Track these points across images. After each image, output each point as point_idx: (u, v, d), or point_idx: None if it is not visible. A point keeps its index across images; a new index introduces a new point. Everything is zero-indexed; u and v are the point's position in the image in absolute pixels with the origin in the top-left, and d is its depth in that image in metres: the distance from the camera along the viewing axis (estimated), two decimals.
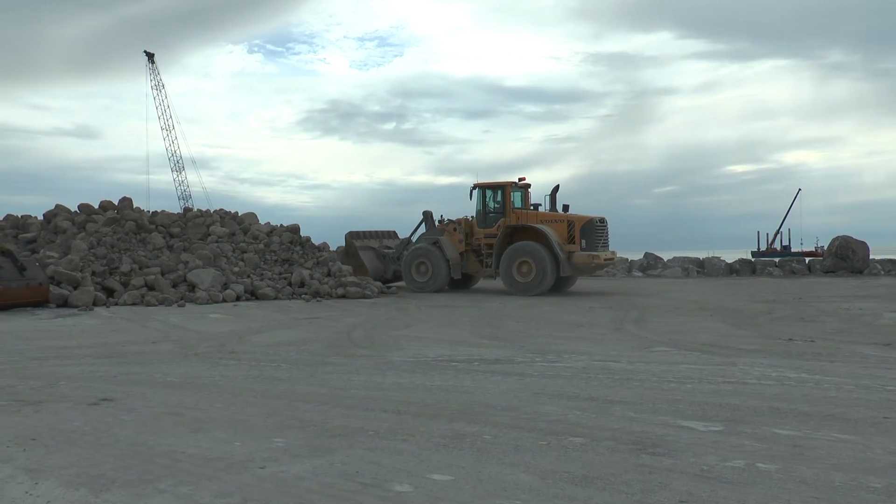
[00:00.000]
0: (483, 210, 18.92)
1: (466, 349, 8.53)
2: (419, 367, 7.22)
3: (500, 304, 15.24)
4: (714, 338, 9.46)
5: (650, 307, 14.11)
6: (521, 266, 17.63)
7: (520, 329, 10.69)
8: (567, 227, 17.85)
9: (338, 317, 12.61)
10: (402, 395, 5.78)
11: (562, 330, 10.58)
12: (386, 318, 12.47)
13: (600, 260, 17.49)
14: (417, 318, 12.52)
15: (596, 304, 14.89)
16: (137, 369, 7.19)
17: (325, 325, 11.35)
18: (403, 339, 9.44)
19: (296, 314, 13.06)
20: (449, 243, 18.90)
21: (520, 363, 7.42)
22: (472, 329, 10.75)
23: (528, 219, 18.21)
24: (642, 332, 10.32)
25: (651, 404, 5.40)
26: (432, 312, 13.51)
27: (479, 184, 19.00)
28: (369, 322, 11.68)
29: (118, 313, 13.21)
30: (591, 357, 7.81)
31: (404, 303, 15.58)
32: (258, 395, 5.88)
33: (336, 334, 10.04)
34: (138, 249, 17.20)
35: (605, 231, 18.35)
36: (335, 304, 15.45)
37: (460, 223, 19.10)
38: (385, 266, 19.97)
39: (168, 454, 4.19)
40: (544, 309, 14.04)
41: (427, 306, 14.76)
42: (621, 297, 16.93)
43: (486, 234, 18.69)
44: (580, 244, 17.57)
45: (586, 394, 5.81)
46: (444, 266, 18.61)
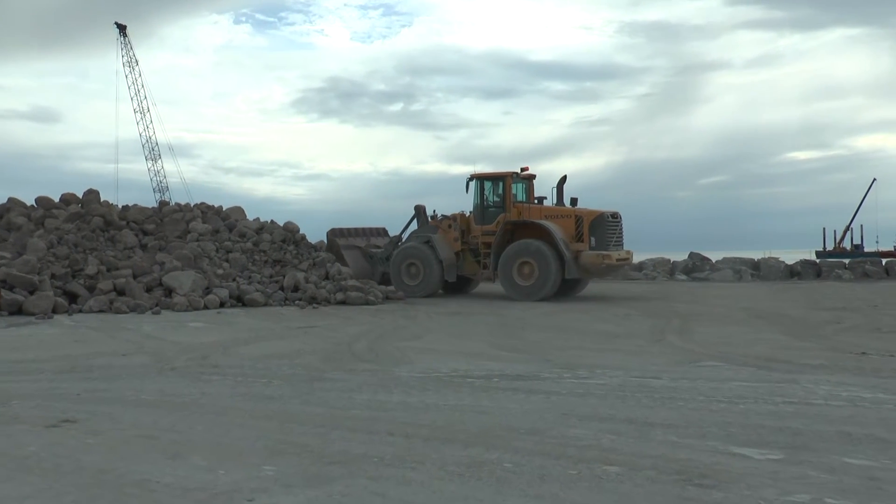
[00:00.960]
0: (481, 204, 19.02)
1: (484, 363, 8.54)
2: (430, 383, 7.23)
3: (522, 311, 15.28)
4: (771, 350, 9.41)
5: (696, 315, 14.09)
6: (523, 267, 17.73)
7: (545, 340, 10.69)
8: (575, 222, 17.93)
9: (337, 326, 12.64)
10: (411, 417, 5.79)
11: (593, 341, 10.57)
12: (392, 327, 12.50)
13: (612, 260, 17.53)
14: (428, 327, 12.55)
15: (633, 312, 14.88)
16: (105, 386, 7.23)
17: (322, 335, 11.37)
18: (412, 352, 9.46)
19: (289, 323, 13.11)
20: (443, 242, 19.04)
21: (545, 379, 7.42)
22: (490, 340, 10.76)
23: (532, 214, 18.30)
24: (687, 343, 10.29)
25: (698, 427, 5.37)
26: (444, 321, 13.55)
27: (476, 175, 19.10)
28: (373, 332, 11.71)
29: (83, 322, 13.29)
30: (627, 372, 7.79)
31: (412, 310, 15.65)
32: (245, 415, 5.90)
33: (335, 346, 10.07)
34: (106, 249, 17.35)
35: (619, 227, 18.39)
36: (334, 311, 15.50)
37: (456, 219, 19.21)
38: (372, 267, 20.14)
39: (140, 483, 4.19)
40: (573, 317, 14.04)
41: (438, 314, 14.81)
42: (662, 303, 16.90)
43: (485, 232, 18.80)
44: (589, 242, 17.65)
45: (622, 415, 5.80)
46: (436, 268, 18.74)
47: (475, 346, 10.07)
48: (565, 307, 16.14)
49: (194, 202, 20.83)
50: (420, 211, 19.99)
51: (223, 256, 18.27)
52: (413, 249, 19.07)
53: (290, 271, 17.84)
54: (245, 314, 14.64)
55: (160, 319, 13.67)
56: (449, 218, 19.35)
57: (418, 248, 18.99)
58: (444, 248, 18.88)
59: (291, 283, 17.25)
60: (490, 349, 9.82)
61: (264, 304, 16.22)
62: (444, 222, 19.36)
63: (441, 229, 19.32)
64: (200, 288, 16.11)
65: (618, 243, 18.25)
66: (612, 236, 17.99)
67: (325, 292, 16.97)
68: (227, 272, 17.36)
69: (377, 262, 20.23)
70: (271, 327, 12.44)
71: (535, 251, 17.52)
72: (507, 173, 18.77)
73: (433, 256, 18.75)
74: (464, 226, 19.18)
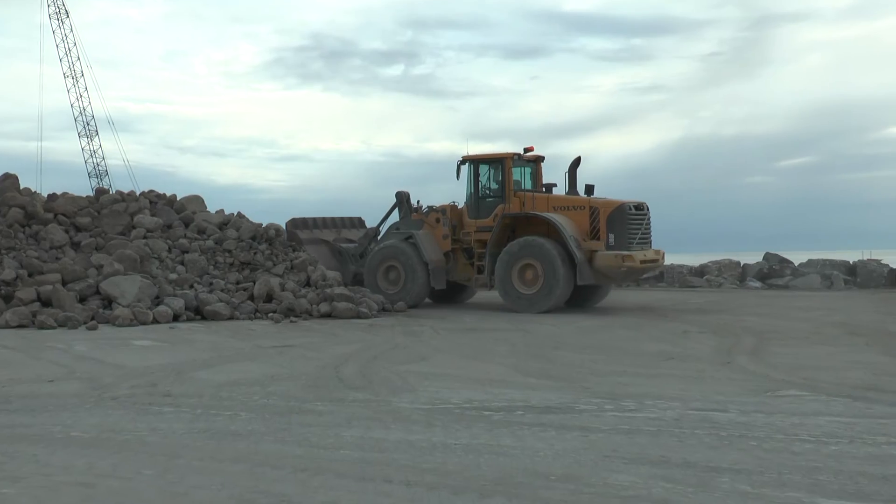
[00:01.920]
0: (475, 193, 19.17)
1: (505, 391, 8.53)
2: (438, 417, 7.23)
3: (553, 326, 15.29)
4: (871, 377, 9.37)
5: (773, 331, 14.06)
6: (525, 271, 17.89)
7: (582, 363, 10.69)
8: (589, 215, 18.06)
9: (321, 344, 12.66)
10: (414, 459, 5.80)
11: (643, 364, 10.56)
12: (390, 345, 12.51)
13: (634, 262, 17.62)
14: (435, 346, 12.55)
15: (692, 328, 14.87)
16: (26, 420, 7.25)
17: (302, 355, 11.39)
18: (415, 377, 9.47)
19: (260, 340, 13.16)
20: (429, 239, 19.19)
21: (582, 412, 7.41)
22: (513, 363, 10.76)
23: (537, 205, 18.44)
24: (761, 367, 10.26)
25: (776, 474, 5.36)
26: (456, 338, 13.55)
27: (468, 157, 19.24)
28: (366, 352, 11.73)
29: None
30: (685, 404, 7.78)
31: (416, 324, 15.66)
32: (205, 457, 5.92)
33: (318, 369, 10.10)
34: (28, 249, 17.42)
35: (645, 222, 18.52)
36: (317, 325, 15.54)
37: (445, 212, 19.34)
38: (342, 266, 20.33)
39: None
40: (617, 334, 14.04)
41: (448, 330, 14.83)
42: (730, 316, 16.88)
43: (480, 227, 18.96)
44: (607, 240, 17.79)
45: (679, 457, 5.79)
46: (420, 271, 18.91)
47: (494, 371, 10.06)
48: (607, 322, 16.14)
49: (141, 190, 20.95)
50: (403, 199, 20.16)
51: (177, 258, 18.37)
52: (392, 249, 19.24)
53: (261, 276, 17.91)
54: (205, 330, 14.68)
55: (97, 336, 13.71)
56: (437, 210, 19.47)
57: (398, 248, 19.16)
58: (430, 248, 19.03)
59: (264, 292, 17.30)
60: (513, 374, 9.81)
61: (229, 317, 16.29)
62: (430, 216, 19.48)
63: (427, 224, 19.45)
64: (148, 297, 16.17)
65: (643, 241, 18.37)
66: (635, 232, 18.10)
67: (305, 302, 17.01)
68: (182, 277, 17.43)
69: (349, 259, 20.45)
70: (238, 346, 12.47)
71: (539, 251, 17.67)
72: (507, 155, 18.92)
73: (416, 258, 18.91)
74: (455, 220, 19.34)
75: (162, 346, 12.52)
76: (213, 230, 19.45)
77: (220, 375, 9.70)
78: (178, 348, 12.31)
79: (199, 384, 9.10)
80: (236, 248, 18.98)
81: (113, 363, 10.73)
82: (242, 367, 10.38)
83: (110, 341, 13.01)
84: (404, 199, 20.12)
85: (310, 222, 21.34)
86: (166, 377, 9.58)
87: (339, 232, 21.68)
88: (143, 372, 9.98)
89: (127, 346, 12.57)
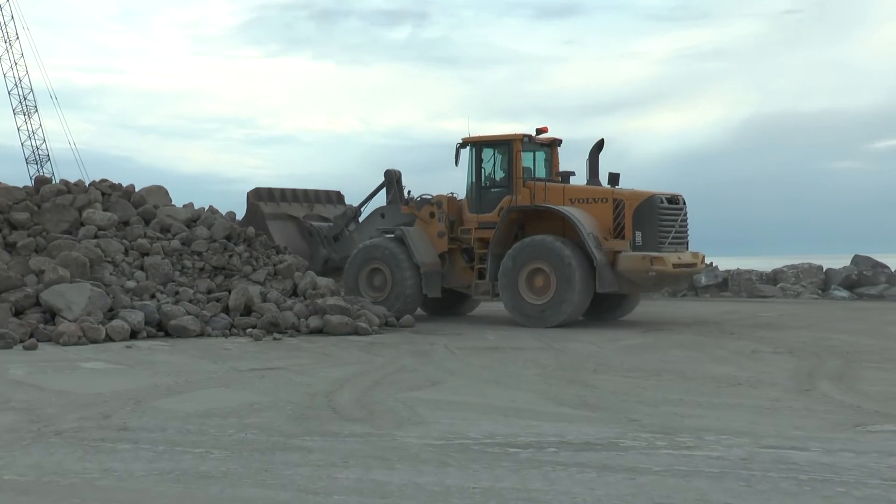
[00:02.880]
0: (477, 182, 19.42)
1: (535, 424, 8.52)
2: (452, 455, 7.23)
3: (593, 344, 15.27)
4: None
5: (864, 352, 14.01)
6: (534, 276, 18.09)
7: (628, 389, 10.68)
8: (613, 209, 18.26)
9: (311, 367, 12.70)
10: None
11: (702, 390, 10.55)
12: (395, 367, 12.55)
13: (665, 265, 17.78)
14: (449, 368, 12.56)
15: (763, 347, 14.84)
16: None
17: (288, 380, 11.42)
18: (425, 406, 9.47)
19: (237, 362, 13.17)
20: (421, 238, 19.40)
21: (629, 450, 7.40)
22: (544, 388, 10.77)
23: (550, 197, 18.61)
24: (850, 396, 10.23)
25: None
26: (474, 359, 13.56)
27: (470, 139, 19.45)
28: (366, 375, 11.75)
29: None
30: (755, 440, 7.76)
31: (426, 342, 15.69)
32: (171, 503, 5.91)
33: (308, 397, 10.10)
34: None
35: (680, 218, 18.74)
36: (307, 343, 15.59)
37: (441, 204, 19.55)
38: (312, 250, 20.61)
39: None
40: (671, 354, 14.02)
41: (465, 349, 14.84)
42: (810, 332, 16.83)
43: (483, 223, 19.15)
44: (633, 239, 17.97)
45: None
46: (411, 276, 19.15)
47: (521, 399, 10.05)
48: (657, 339, 16.11)
49: (91, 178, 20.93)
50: (392, 179, 20.36)
51: (136, 261, 18.39)
52: (376, 249, 19.49)
53: (238, 284, 17.94)
54: (169, 349, 14.70)
55: (37, 357, 13.70)
56: (431, 202, 19.64)
57: (384, 248, 19.39)
58: (422, 248, 19.23)
59: (241, 303, 17.34)
60: (544, 403, 9.80)
61: (199, 333, 16.33)
62: (424, 209, 19.64)
63: (419, 219, 19.63)
64: (100, 309, 16.19)
65: (678, 241, 18.56)
66: (667, 230, 18.28)
67: (292, 316, 17.04)
68: (141, 285, 17.45)
69: (320, 241, 20.71)
70: (210, 369, 12.48)
71: (551, 252, 17.82)
72: (515, 136, 19.10)
73: (406, 260, 19.11)
74: (453, 214, 19.54)
75: (116, 370, 12.53)
76: (179, 228, 19.49)
77: (188, 404, 9.69)
78: (137, 372, 12.31)
79: (162, 415, 9.08)
80: (207, 249, 19.01)
81: (56, 390, 10.71)
82: (215, 395, 10.37)
83: (53, 363, 13.01)
84: (394, 179, 20.37)
85: (276, 194, 21.58)
86: (122, 407, 9.56)
87: (312, 207, 21.99)
88: (93, 400, 9.95)
89: (74, 369, 12.57)
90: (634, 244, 17.89)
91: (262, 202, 21.05)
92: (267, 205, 21.08)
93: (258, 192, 21.39)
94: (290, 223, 21.09)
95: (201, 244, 19.09)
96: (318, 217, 21.66)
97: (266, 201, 21.17)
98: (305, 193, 22.35)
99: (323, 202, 22.46)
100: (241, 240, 19.52)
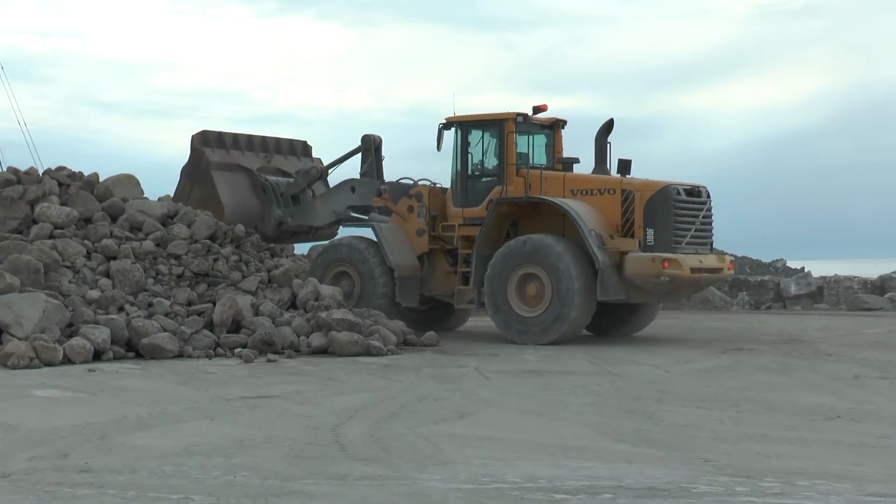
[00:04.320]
0: (463, 171, 19.69)
1: (586, 465, 8.49)
2: (484, 502, 7.21)
3: (657, 367, 15.26)
4: None
5: None
6: (526, 282, 18.32)
7: (699, 422, 10.65)
8: (621, 202, 18.46)
9: (313, 394, 12.72)
10: None
11: (792, 424, 10.49)
12: (415, 395, 12.56)
13: (681, 269, 17.94)
14: (482, 397, 12.57)
15: (868, 371, 14.76)
16: None
17: (285, 411, 11.43)
18: (452, 443, 9.46)
19: (223, 389, 13.19)
20: (397, 235, 19.70)
21: (702, 496, 7.36)
22: (596, 421, 10.75)
23: (547, 187, 18.85)
24: None
25: None
26: (513, 385, 13.55)
27: (455, 118, 19.78)
28: (380, 405, 11.76)
29: None
30: (858, 486, 7.70)
31: (453, 364, 15.68)
32: None
33: (309, 432, 10.11)
34: None
35: (702, 214, 18.92)
36: (308, 365, 15.62)
37: (421, 196, 19.85)
38: (265, 208, 21.07)
39: None
40: (753, 380, 13.96)
41: (501, 372, 14.83)
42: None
43: (469, 218, 19.39)
44: (643, 237, 18.13)
45: None
46: (383, 282, 19.48)
47: (570, 433, 10.03)
48: (736, 361, 15.99)
49: (45, 166, 20.94)
50: (371, 145, 20.81)
51: (100, 266, 18.39)
52: (343, 249, 19.95)
53: (224, 294, 17.95)
54: (141, 373, 14.69)
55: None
56: (409, 193, 19.91)
57: (353, 247, 19.82)
58: (398, 248, 19.49)
59: (228, 316, 17.35)
60: (597, 438, 9.78)
61: (177, 353, 16.32)
62: (401, 202, 19.92)
63: (396, 213, 19.91)
64: (57, 325, 16.16)
65: (698, 240, 18.76)
66: (685, 228, 18.46)
67: (290, 332, 17.06)
68: (107, 296, 17.44)
69: (274, 199, 21.08)
70: (190, 398, 12.48)
71: (547, 254, 17.97)
72: (507, 116, 19.27)
73: (378, 262, 19.41)
74: (435, 208, 19.81)
75: (77, 398, 12.51)
76: (152, 226, 19.44)
77: (164, 441, 9.66)
78: (102, 401, 12.28)
79: (133, 454, 9.04)
80: (187, 252, 18.95)
81: (4, 423, 10.66)
82: (197, 429, 10.34)
83: (0, 390, 12.99)
84: (372, 146, 20.72)
85: (228, 140, 21.82)
86: (83, 444, 9.53)
87: (270, 159, 22.29)
88: (48, 436, 9.92)
89: (25, 397, 12.54)
90: (645, 244, 18.08)
91: (210, 148, 21.28)
92: (215, 151, 21.33)
93: (205, 135, 21.62)
94: (242, 175, 21.39)
95: (180, 245, 19.00)
96: (277, 171, 21.99)
97: (214, 147, 21.42)
98: (264, 141, 22.55)
99: (284, 153, 22.77)
100: (228, 240, 19.49)
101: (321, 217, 21.52)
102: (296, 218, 21.34)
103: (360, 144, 21.10)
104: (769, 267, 35.37)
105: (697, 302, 27.62)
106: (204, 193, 21.03)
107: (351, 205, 20.94)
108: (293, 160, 22.72)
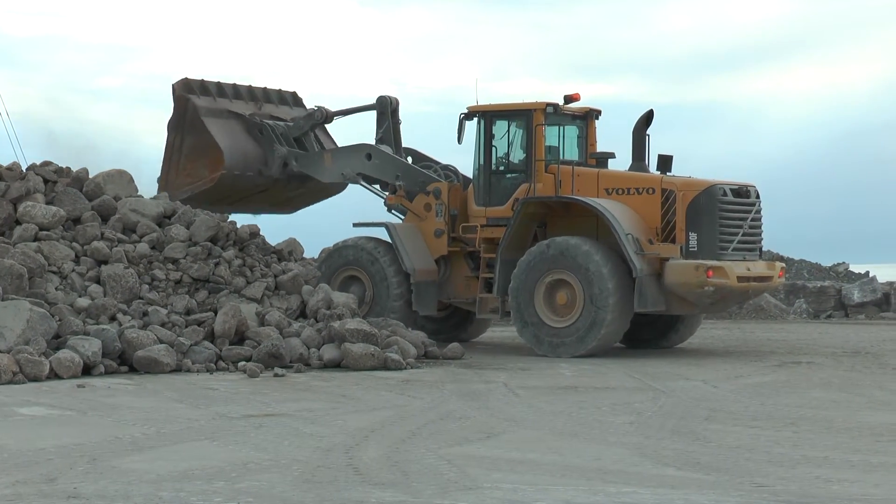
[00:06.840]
0: (485, 166, 19.82)
1: (626, 490, 8.50)
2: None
3: (705, 381, 15.36)
4: None
5: None
6: (555, 290, 18.44)
7: (752, 443, 10.69)
8: (662, 203, 18.50)
9: (324, 413, 12.83)
10: None
11: (856, 446, 10.52)
12: (437, 413, 12.68)
13: (727, 278, 18.03)
14: (511, 415, 12.66)
15: None
16: None
17: (295, 431, 11.52)
18: (477, 465, 9.52)
19: (226, 406, 13.30)
20: (413, 237, 19.88)
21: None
22: (638, 442, 10.82)
23: (580, 185, 18.95)
24: None
25: None
26: (545, 403, 13.65)
27: (477, 108, 19.94)
28: (398, 424, 11.87)
29: None
30: None
31: (480, 379, 15.82)
32: None
33: (321, 454, 10.17)
34: None
35: (751, 216, 19.03)
36: (319, 381, 15.77)
37: (440, 193, 19.95)
38: (265, 152, 21.29)
39: None
40: (812, 396, 14.04)
41: (532, 388, 14.96)
42: None
43: (493, 219, 19.53)
44: (686, 242, 18.16)
45: None
46: (397, 287, 19.61)
47: (608, 456, 10.06)
48: (792, 375, 16.12)
49: (29, 161, 21.08)
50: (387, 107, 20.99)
51: (90, 272, 18.47)
52: (354, 251, 20.14)
53: (227, 302, 18.02)
54: (135, 389, 14.82)
55: None
56: (427, 191, 20.04)
57: (364, 250, 20.00)
58: (414, 250, 19.61)
59: (231, 327, 17.41)
60: (639, 461, 9.80)
61: (175, 367, 16.40)
62: (418, 200, 20.06)
63: (412, 212, 20.12)
64: (43, 336, 16.25)
65: (746, 246, 18.89)
66: (732, 232, 18.57)
67: (299, 344, 17.16)
68: (98, 304, 17.52)
69: (276, 138, 21.30)
70: (189, 416, 12.58)
71: (573, 255, 18.09)
72: (536, 106, 19.35)
73: (392, 266, 19.56)
74: (456, 207, 19.90)
75: (65, 417, 12.61)
76: (147, 227, 19.51)
77: (160, 464, 9.72)
78: (92, 420, 12.39)
79: (126, 478, 9.09)
80: (186, 255, 19.00)
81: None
82: (197, 451, 10.43)
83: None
84: (388, 108, 20.89)
85: (212, 87, 22.01)
86: (72, 467, 9.58)
87: (261, 106, 22.51)
88: (34, 458, 10.01)
89: (7, 416, 12.63)
90: (688, 249, 18.12)
91: (194, 95, 21.47)
92: (200, 98, 21.48)
93: (187, 83, 21.70)
94: (234, 121, 21.57)
95: (178, 248, 19.05)
96: (270, 118, 22.16)
97: (197, 95, 21.57)
98: (251, 90, 22.71)
99: (275, 102, 22.95)
100: (231, 242, 19.52)
101: (328, 173, 21.59)
102: (300, 162, 21.41)
103: (377, 106, 21.20)
104: (830, 271, 35.56)
105: (750, 310, 27.99)
106: (196, 142, 21.23)
107: (363, 173, 21.01)
108: (285, 109, 22.94)
